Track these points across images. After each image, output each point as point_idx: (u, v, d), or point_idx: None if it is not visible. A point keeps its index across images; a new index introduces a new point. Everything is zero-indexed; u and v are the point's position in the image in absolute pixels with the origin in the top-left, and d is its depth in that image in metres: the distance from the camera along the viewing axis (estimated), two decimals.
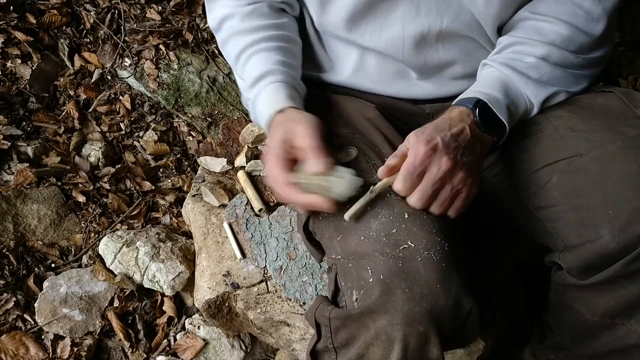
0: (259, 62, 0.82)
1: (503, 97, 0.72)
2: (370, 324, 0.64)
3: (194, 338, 1.16)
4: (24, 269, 1.22)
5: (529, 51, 0.74)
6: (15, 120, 1.42)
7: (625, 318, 0.70)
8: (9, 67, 1.50)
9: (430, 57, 0.81)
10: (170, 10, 1.76)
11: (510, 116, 0.73)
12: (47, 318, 1.14)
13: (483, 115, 0.70)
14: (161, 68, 1.66)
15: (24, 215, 1.28)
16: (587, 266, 0.71)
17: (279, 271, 1.01)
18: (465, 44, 0.81)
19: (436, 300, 0.62)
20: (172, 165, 1.54)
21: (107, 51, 1.64)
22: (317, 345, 0.73)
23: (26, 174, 1.33)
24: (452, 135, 0.67)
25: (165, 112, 1.65)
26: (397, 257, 0.64)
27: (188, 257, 1.24)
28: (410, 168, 0.64)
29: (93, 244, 1.30)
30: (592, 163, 0.68)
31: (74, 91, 1.57)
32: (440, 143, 0.65)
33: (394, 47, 0.80)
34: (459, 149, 0.66)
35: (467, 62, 0.83)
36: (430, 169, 0.64)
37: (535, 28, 0.74)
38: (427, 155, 0.64)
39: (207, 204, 1.18)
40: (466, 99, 0.72)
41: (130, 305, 1.21)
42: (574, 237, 0.71)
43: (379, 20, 0.79)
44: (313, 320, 0.73)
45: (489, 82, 0.74)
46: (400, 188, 0.65)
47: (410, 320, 0.62)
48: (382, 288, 0.63)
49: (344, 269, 0.70)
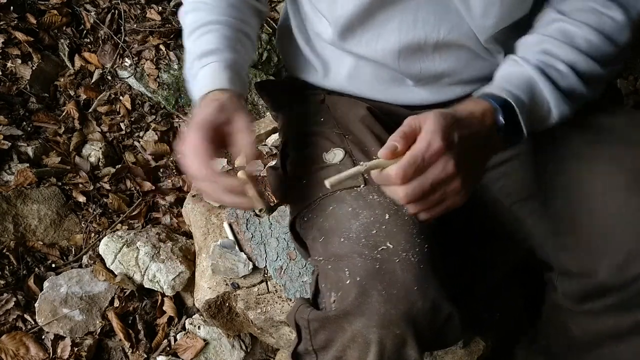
0: (214, 39, 0.80)
1: (528, 103, 0.66)
2: (347, 326, 0.64)
3: (194, 338, 1.16)
4: (24, 269, 1.22)
5: (558, 54, 0.69)
6: (16, 121, 1.43)
7: (615, 343, 0.71)
8: (9, 67, 1.50)
9: (426, 66, 0.81)
10: (171, 11, 1.76)
11: (530, 125, 0.67)
12: (48, 318, 1.14)
13: (506, 118, 0.64)
14: (161, 68, 1.66)
15: (24, 215, 1.28)
16: (583, 294, 0.71)
17: (279, 271, 1.01)
18: (462, 53, 0.80)
19: (413, 303, 0.61)
20: (172, 166, 1.54)
21: (107, 51, 1.64)
22: (298, 348, 0.73)
23: (26, 174, 1.33)
24: (470, 135, 0.60)
25: (166, 112, 1.65)
26: (374, 259, 0.63)
27: (188, 257, 1.24)
28: (419, 159, 0.56)
29: (93, 244, 1.30)
30: (595, 196, 0.67)
31: (74, 91, 1.57)
32: (456, 142, 0.58)
33: (390, 56, 0.79)
34: (468, 154, 0.59)
35: (463, 70, 0.82)
36: (435, 167, 0.57)
37: (564, 31, 0.70)
38: (440, 150, 0.56)
39: (207, 204, 1.18)
40: (493, 96, 0.64)
41: (130, 306, 1.21)
42: (572, 265, 0.71)
43: (376, 30, 0.78)
44: (293, 323, 0.73)
45: (517, 82, 0.67)
46: (397, 176, 0.56)
47: (386, 322, 0.61)
48: (358, 290, 0.62)
49: (324, 271, 0.70)
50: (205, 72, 0.78)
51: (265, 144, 1.23)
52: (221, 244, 1.05)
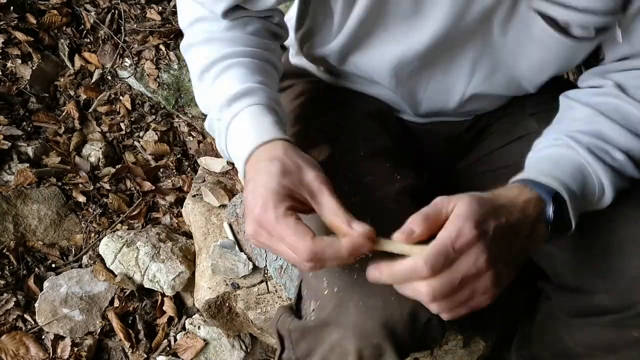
0: (242, 75, 0.65)
1: (579, 194, 0.58)
2: (326, 336, 0.63)
3: (194, 338, 1.16)
4: (24, 269, 1.22)
5: (616, 140, 0.61)
6: (16, 121, 1.43)
7: (605, 353, 0.71)
8: (9, 67, 1.50)
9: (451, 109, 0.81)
10: (171, 11, 1.76)
11: (579, 217, 0.59)
12: (48, 318, 1.14)
13: (555, 212, 0.55)
14: (161, 68, 1.66)
15: (24, 215, 1.28)
16: (577, 310, 0.71)
17: (279, 271, 1.01)
18: (495, 98, 0.80)
19: (390, 313, 0.60)
20: (172, 166, 1.54)
21: (107, 51, 1.64)
22: (282, 356, 0.72)
23: (26, 174, 1.33)
24: (508, 225, 0.51)
25: (166, 112, 1.65)
26: (352, 269, 0.61)
27: (188, 257, 1.24)
28: (449, 249, 0.48)
29: (93, 244, 1.30)
30: (603, 221, 0.66)
31: (74, 91, 1.57)
32: (491, 233, 0.49)
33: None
34: (504, 247, 0.51)
35: (487, 107, 0.83)
36: (465, 261, 0.49)
37: (623, 112, 0.63)
38: (471, 241, 0.48)
39: (207, 204, 1.18)
40: (542, 186, 0.56)
41: (130, 306, 1.21)
42: (573, 281, 0.70)
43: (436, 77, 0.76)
44: (276, 332, 0.72)
45: (570, 170, 0.59)
46: (427, 269, 0.47)
47: (364, 333, 0.60)
48: (335, 301, 0.61)
49: (306, 278, 0.69)
50: (242, 122, 0.63)
51: None
52: (221, 244, 1.05)
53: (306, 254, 0.51)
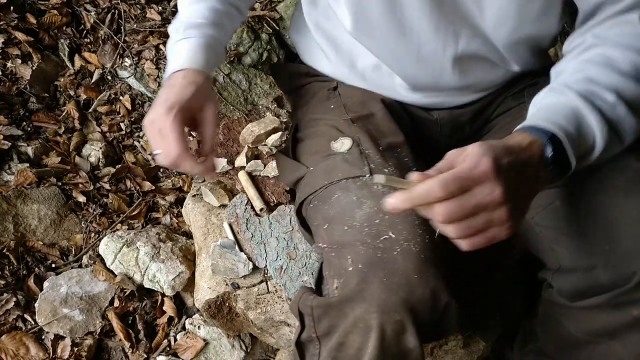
0: (203, 11, 0.85)
1: (576, 134, 0.61)
2: (349, 312, 0.65)
3: (194, 338, 1.16)
4: (24, 269, 1.22)
5: (604, 81, 0.64)
6: (16, 121, 1.42)
7: (609, 339, 0.71)
8: (9, 67, 1.50)
9: (445, 81, 0.83)
10: (171, 11, 1.76)
11: (577, 158, 0.62)
12: (48, 318, 1.14)
13: (554, 152, 0.59)
14: (161, 68, 1.66)
15: (24, 215, 1.28)
16: (577, 291, 0.71)
17: (280, 271, 1.01)
18: (481, 64, 0.81)
19: (413, 290, 0.63)
20: None
21: (107, 51, 1.64)
22: (301, 336, 0.73)
23: (26, 174, 1.33)
24: (519, 163, 0.55)
25: None
26: (376, 247, 0.64)
27: (188, 257, 1.24)
28: (464, 174, 0.51)
29: (93, 244, 1.30)
30: (595, 195, 0.68)
31: (74, 91, 1.57)
32: (505, 167, 0.53)
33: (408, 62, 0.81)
34: (517, 183, 0.55)
35: (481, 81, 0.84)
36: (480, 189, 0.52)
37: (606, 56, 0.66)
38: (487, 173, 0.52)
39: (207, 204, 1.18)
40: (539, 129, 0.60)
41: (130, 306, 1.21)
42: (569, 261, 0.71)
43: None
44: (297, 311, 0.74)
45: (564, 113, 0.62)
46: (441, 190, 0.50)
47: (387, 308, 0.62)
48: (360, 277, 0.64)
49: (328, 258, 0.71)
50: (185, 46, 0.82)
51: (265, 144, 1.23)
52: (221, 244, 1.05)
53: (172, 155, 0.72)
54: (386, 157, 0.77)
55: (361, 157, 0.76)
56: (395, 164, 0.76)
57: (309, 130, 0.89)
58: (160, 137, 0.73)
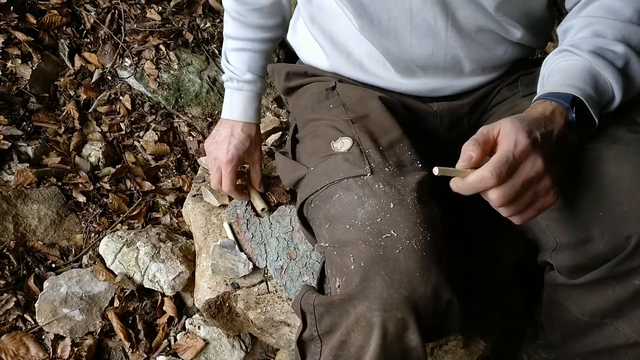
0: (257, 61, 1.04)
1: (594, 93, 0.65)
2: (351, 310, 0.65)
3: (194, 338, 1.16)
4: (25, 269, 1.22)
5: (610, 33, 0.67)
6: (16, 121, 1.43)
7: (614, 318, 0.71)
8: (10, 67, 1.50)
9: (438, 48, 0.82)
10: (171, 11, 1.76)
11: (599, 114, 0.65)
12: (48, 318, 1.14)
13: (577, 115, 0.63)
14: (161, 68, 1.66)
15: (24, 215, 1.28)
16: (577, 266, 0.71)
17: (280, 271, 1.00)
18: (476, 37, 0.81)
19: (415, 288, 0.63)
20: (172, 165, 1.54)
21: (107, 51, 1.64)
22: (303, 335, 0.73)
23: (26, 174, 1.33)
24: (548, 133, 0.60)
25: (166, 112, 1.65)
26: (378, 246, 0.65)
27: (188, 257, 1.24)
28: (510, 156, 0.55)
29: (93, 244, 1.30)
30: (586, 166, 0.68)
31: (74, 91, 1.57)
32: (540, 139, 0.57)
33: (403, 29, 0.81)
34: (553, 152, 0.59)
35: (480, 56, 0.84)
36: (525, 166, 0.56)
37: (608, 7, 0.69)
38: (527, 148, 0.56)
39: (207, 204, 1.18)
40: (559, 94, 0.63)
41: (130, 306, 1.21)
42: (565, 236, 0.71)
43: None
44: (299, 309, 0.74)
45: (580, 76, 0.65)
46: (494, 178, 0.55)
47: (389, 306, 0.62)
48: (362, 275, 0.64)
49: (330, 257, 0.72)
50: (241, 98, 1.03)
51: (265, 144, 1.23)
52: (221, 244, 1.05)
53: (225, 191, 1.05)
54: (386, 155, 0.77)
55: (362, 156, 0.76)
56: (396, 162, 0.76)
57: (308, 130, 0.89)
58: (219, 175, 1.04)
